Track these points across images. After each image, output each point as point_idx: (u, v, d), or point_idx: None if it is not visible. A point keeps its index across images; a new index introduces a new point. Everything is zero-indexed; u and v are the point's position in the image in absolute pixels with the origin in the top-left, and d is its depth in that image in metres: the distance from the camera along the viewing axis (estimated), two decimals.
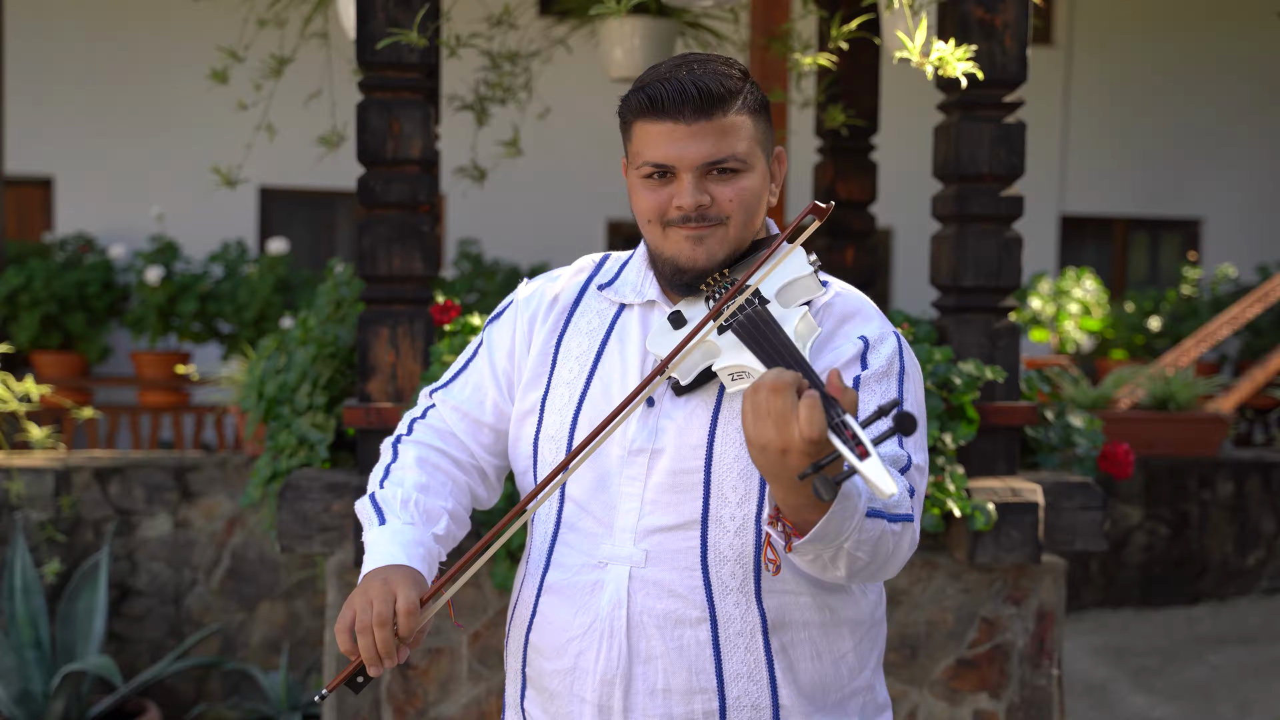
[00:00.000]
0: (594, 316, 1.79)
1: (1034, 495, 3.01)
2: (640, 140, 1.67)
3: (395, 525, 1.70)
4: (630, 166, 1.72)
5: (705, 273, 1.68)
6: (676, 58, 1.70)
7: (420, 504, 1.74)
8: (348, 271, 3.70)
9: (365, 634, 1.57)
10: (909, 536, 1.58)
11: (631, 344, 1.74)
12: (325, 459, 3.22)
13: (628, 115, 1.70)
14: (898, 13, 3.09)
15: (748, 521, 1.65)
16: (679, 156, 1.64)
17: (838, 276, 4.28)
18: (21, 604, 4.36)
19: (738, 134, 1.65)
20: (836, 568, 1.52)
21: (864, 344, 1.68)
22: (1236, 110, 10.95)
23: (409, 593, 1.59)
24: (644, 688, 1.67)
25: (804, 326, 1.59)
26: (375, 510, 1.74)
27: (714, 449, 1.65)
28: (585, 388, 1.73)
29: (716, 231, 1.67)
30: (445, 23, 3.46)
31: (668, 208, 1.67)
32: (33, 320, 7.60)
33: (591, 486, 1.70)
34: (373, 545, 1.69)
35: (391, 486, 1.76)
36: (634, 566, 1.67)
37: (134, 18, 9.43)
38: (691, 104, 1.62)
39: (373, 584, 1.61)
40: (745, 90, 1.67)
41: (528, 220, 9.63)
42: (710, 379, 1.64)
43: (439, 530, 1.73)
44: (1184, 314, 8.93)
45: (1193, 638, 5.95)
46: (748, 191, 1.67)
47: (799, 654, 1.69)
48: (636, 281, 1.78)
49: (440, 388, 1.88)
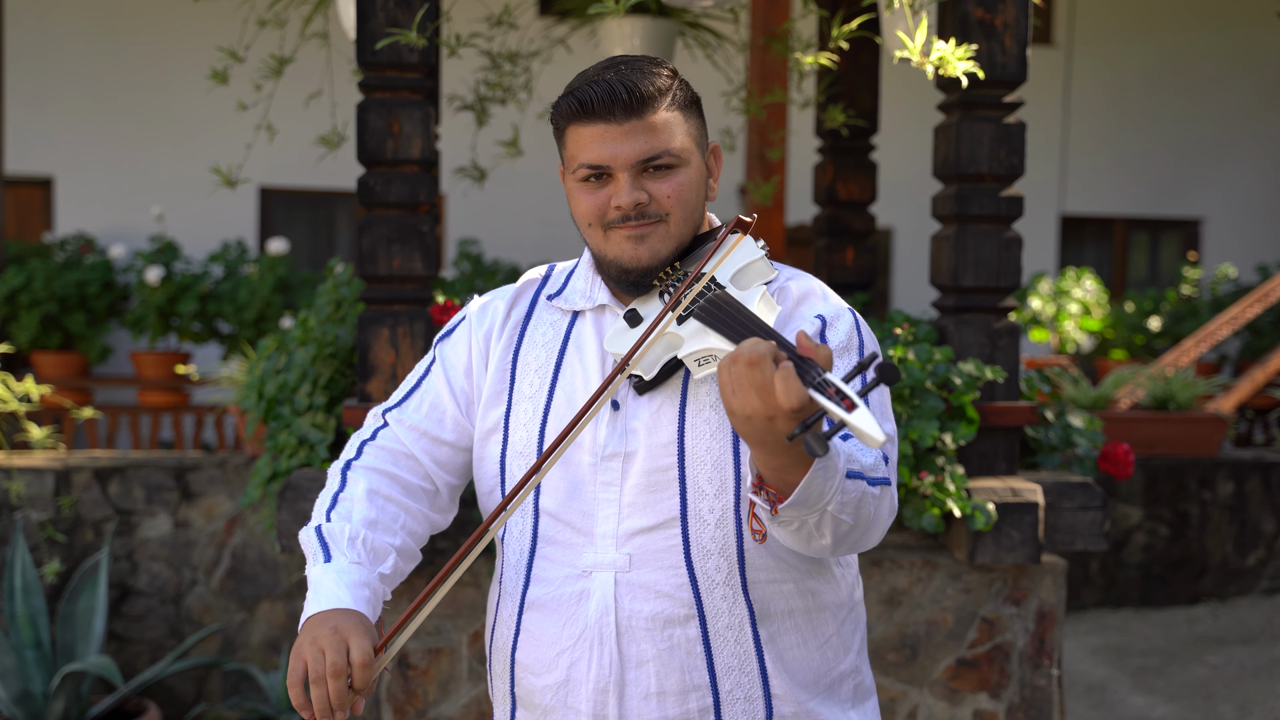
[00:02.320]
0: (548, 328, 1.78)
1: (1034, 495, 3.01)
2: (574, 144, 1.68)
3: (341, 564, 1.67)
4: (566, 172, 1.72)
5: (650, 270, 1.68)
6: (605, 60, 1.71)
7: (368, 542, 1.70)
8: (348, 271, 3.70)
9: (319, 685, 1.54)
10: (888, 501, 1.60)
11: (589, 350, 1.73)
12: (325, 459, 3.22)
13: (560, 121, 1.70)
14: (898, 13, 3.09)
15: (726, 513, 1.65)
16: (613, 156, 1.65)
17: (838, 276, 4.28)
18: (21, 604, 4.36)
19: (670, 130, 1.66)
20: (822, 535, 1.53)
21: (822, 322, 1.70)
22: (1236, 110, 10.95)
23: (362, 643, 1.56)
24: (638, 692, 1.67)
25: (764, 305, 1.60)
26: (321, 545, 1.70)
27: (685, 444, 1.65)
28: (548, 400, 1.73)
29: (657, 229, 1.67)
30: (445, 23, 3.46)
31: (606, 209, 1.67)
32: (33, 320, 7.60)
33: (566, 497, 1.69)
34: (317, 584, 1.65)
35: (339, 520, 1.72)
36: (619, 571, 1.67)
37: (134, 18, 9.43)
38: (621, 104, 1.64)
39: (322, 632, 1.58)
40: (674, 87, 1.69)
41: (528, 220, 9.63)
42: (673, 373, 1.65)
43: (385, 569, 1.70)
44: (1184, 314, 8.94)
45: (1193, 638, 5.95)
46: (685, 186, 1.68)
47: (786, 642, 1.71)
48: (585, 288, 1.78)
49: (392, 407, 1.85)
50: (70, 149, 9.43)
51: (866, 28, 3.59)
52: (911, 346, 3.07)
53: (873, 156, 4.20)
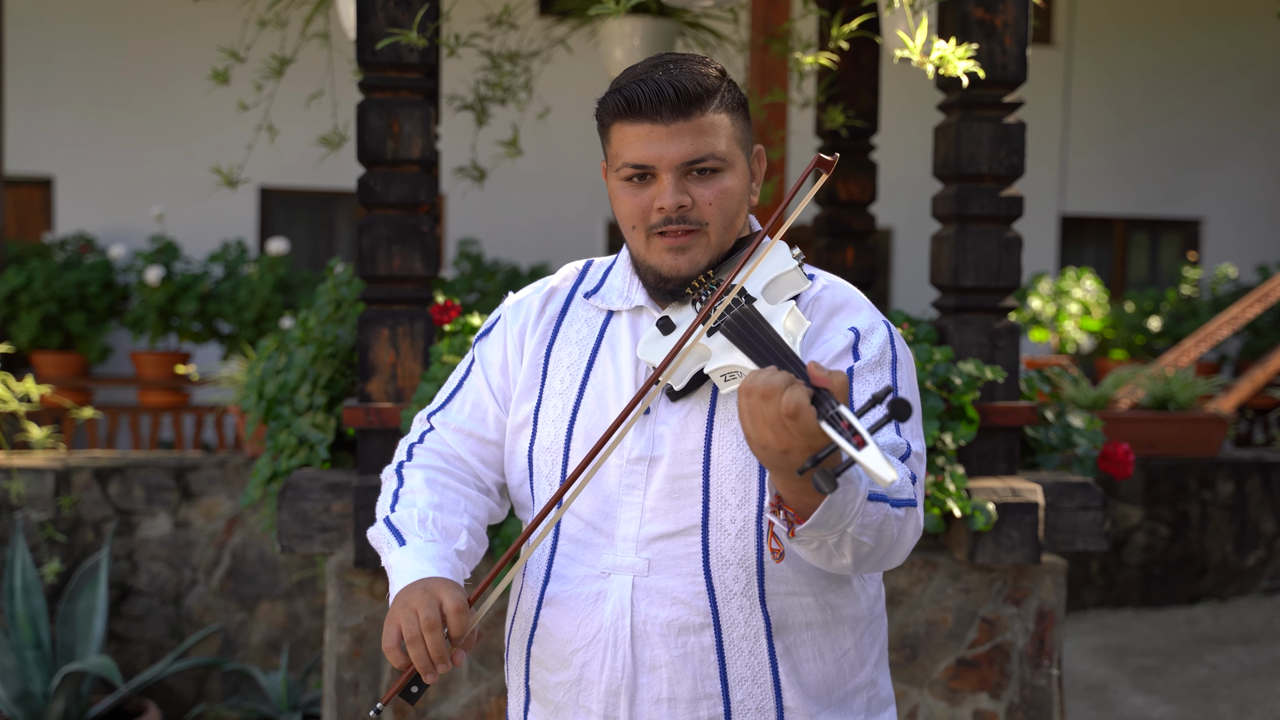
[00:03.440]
0: (582, 325, 1.77)
1: (1034, 495, 3.01)
2: (619, 142, 1.66)
3: (417, 544, 1.67)
4: (610, 170, 1.71)
5: (688, 279, 1.67)
6: (653, 58, 1.69)
7: (438, 521, 1.70)
8: (348, 271, 3.70)
9: (415, 643, 1.53)
10: (913, 522, 1.57)
11: (623, 351, 1.73)
12: (325, 459, 3.22)
13: (605, 118, 1.69)
14: (898, 12, 3.10)
15: (748, 524, 1.64)
16: (658, 157, 1.63)
17: (838, 276, 4.29)
18: (21, 604, 4.36)
19: (716, 133, 1.64)
20: (842, 555, 1.51)
21: (855, 335, 1.67)
22: (1236, 110, 10.95)
23: (455, 593, 1.56)
24: (649, 697, 1.67)
25: (792, 321, 1.58)
26: (393, 533, 1.70)
27: (711, 453, 1.64)
28: (579, 397, 1.72)
29: (699, 241, 1.66)
30: (445, 23, 3.47)
31: (649, 210, 1.66)
32: (33, 320, 7.60)
33: (590, 497, 1.69)
34: (397, 566, 1.65)
35: (404, 509, 1.72)
36: (637, 575, 1.66)
37: (134, 17, 9.43)
38: (669, 104, 1.62)
39: (412, 593, 1.57)
40: (722, 89, 1.66)
41: (528, 220, 9.63)
42: (703, 381, 1.63)
43: (460, 546, 1.70)
44: (1184, 314, 8.94)
45: (1193, 638, 5.95)
46: (727, 193, 1.66)
47: (802, 655, 1.69)
48: (622, 287, 1.77)
49: (436, 410, 1.85)
50: (70, 149, 9.43)
51: (866, 28, 3.59)
52: (911, 346, 3.07)
53: (873, 156, 4.21)
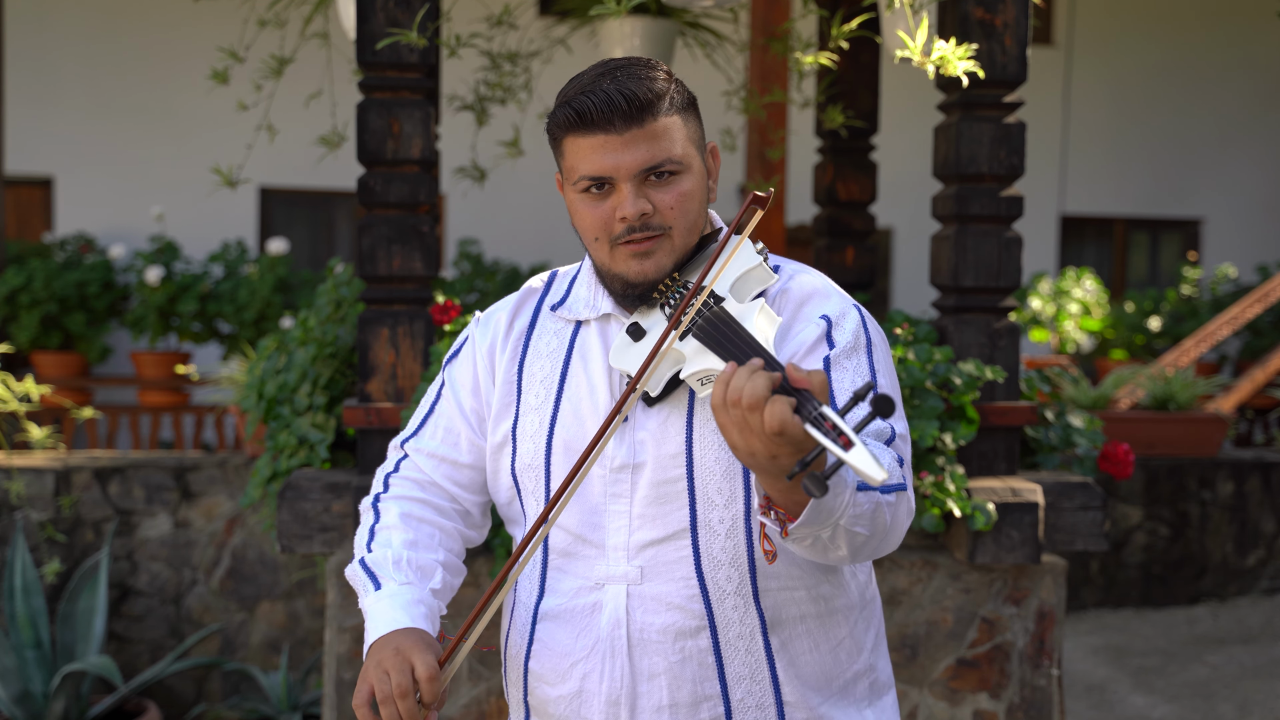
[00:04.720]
0: (552, 337, 1.76)
1: (1034, 495, 3.01)
2: (574, 155, 1.64)
3: (391, 588, 1.68)
4: (566, 183, 1.69)
5: (655, 284, 1.66)
6: (598, 65, 1.66)
7: (412, 561, 1.71)
8: (347, 271, 3.70)
9: (387, 705, 1.55)
10: (905, 505, 1.57)
11: (595, 360, 1.72)
12: (325, 459, 3.22)
13: (557, 132, 1.66)
14: (898, 12, 3.09)
15: (737, 523, 1.64)
16: (615, 167, 1.61)
17: (838, 276, 4.28)
18: (21, 604, 4.36)
19: (670, 136, 1.63)
20: (837, 547, 1.51)
21: (827, 323, 1.67)
22: (1236, 110, 10.95)
23: (426, 658, 1.57)
24: (650, 705, 1.67)
25: (763, 319, 1.57)
26: (368, 575, 1.71)
27: (693, 455, 1.64)
28: (555, 410, 1.71)
29: (663, 245, 1.65)
30: (445, 23, 3.46)
31: (611, 220, 1.64)
32: (33, 320, 7.60)
33: (577, 509, 1.69)
34: (372, 612, 1.67)
35: (380, 548, 1.73)
36: (630, 584, 1.66)
37: (134, 17, 9.43)
38: (620, 113, 1.60)
39: (384, 654, 1.58)
40: (671, 90, 1.65)
41: (528, 220, 9.63)
42: (678, 387, 1.63)
43: (435, 584, 1.72)
44: (1184, 314, 8.94)
45: (1193, 638, 5.95)
46: (687, 195, 1.65)
47: (798, 648, 1.70)
48: (588, 296, 1.76)
49: (410, 437, 1.85)
50: (70, 149, 9.43)
51: (866, 27, 3.59)
52: (911, 346, 3.07)
53: (873, 156, 4.20)
